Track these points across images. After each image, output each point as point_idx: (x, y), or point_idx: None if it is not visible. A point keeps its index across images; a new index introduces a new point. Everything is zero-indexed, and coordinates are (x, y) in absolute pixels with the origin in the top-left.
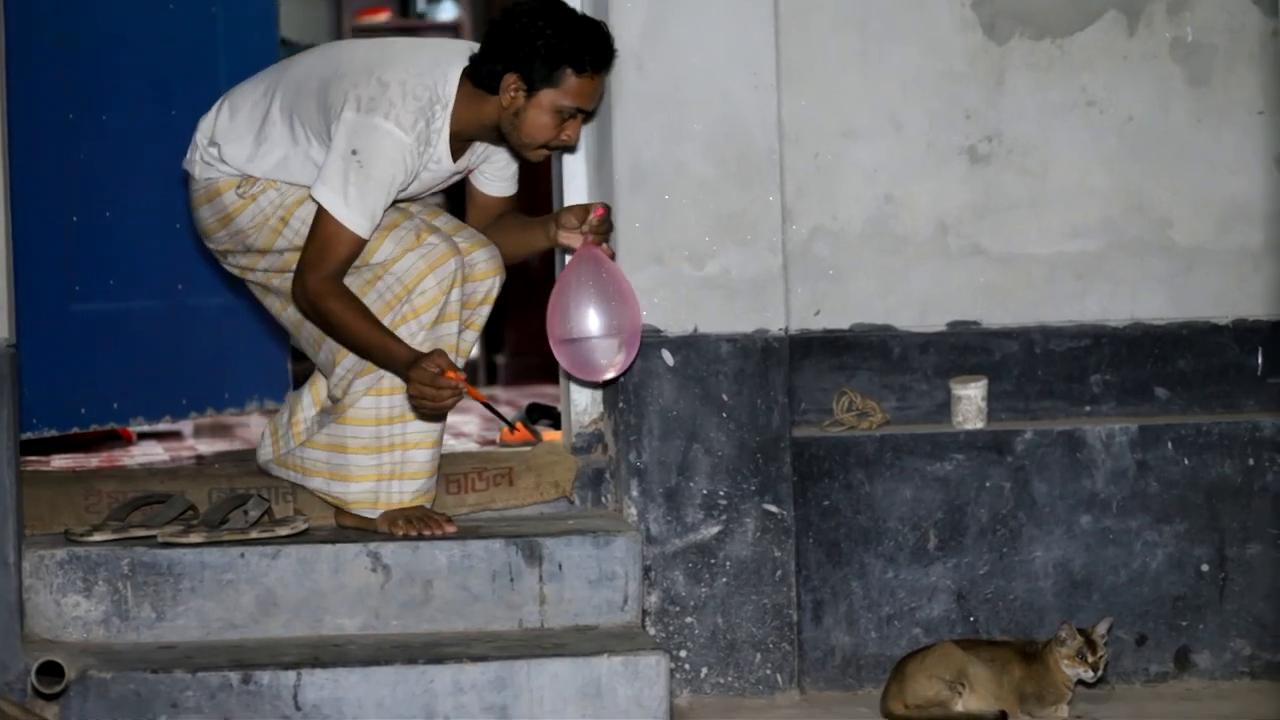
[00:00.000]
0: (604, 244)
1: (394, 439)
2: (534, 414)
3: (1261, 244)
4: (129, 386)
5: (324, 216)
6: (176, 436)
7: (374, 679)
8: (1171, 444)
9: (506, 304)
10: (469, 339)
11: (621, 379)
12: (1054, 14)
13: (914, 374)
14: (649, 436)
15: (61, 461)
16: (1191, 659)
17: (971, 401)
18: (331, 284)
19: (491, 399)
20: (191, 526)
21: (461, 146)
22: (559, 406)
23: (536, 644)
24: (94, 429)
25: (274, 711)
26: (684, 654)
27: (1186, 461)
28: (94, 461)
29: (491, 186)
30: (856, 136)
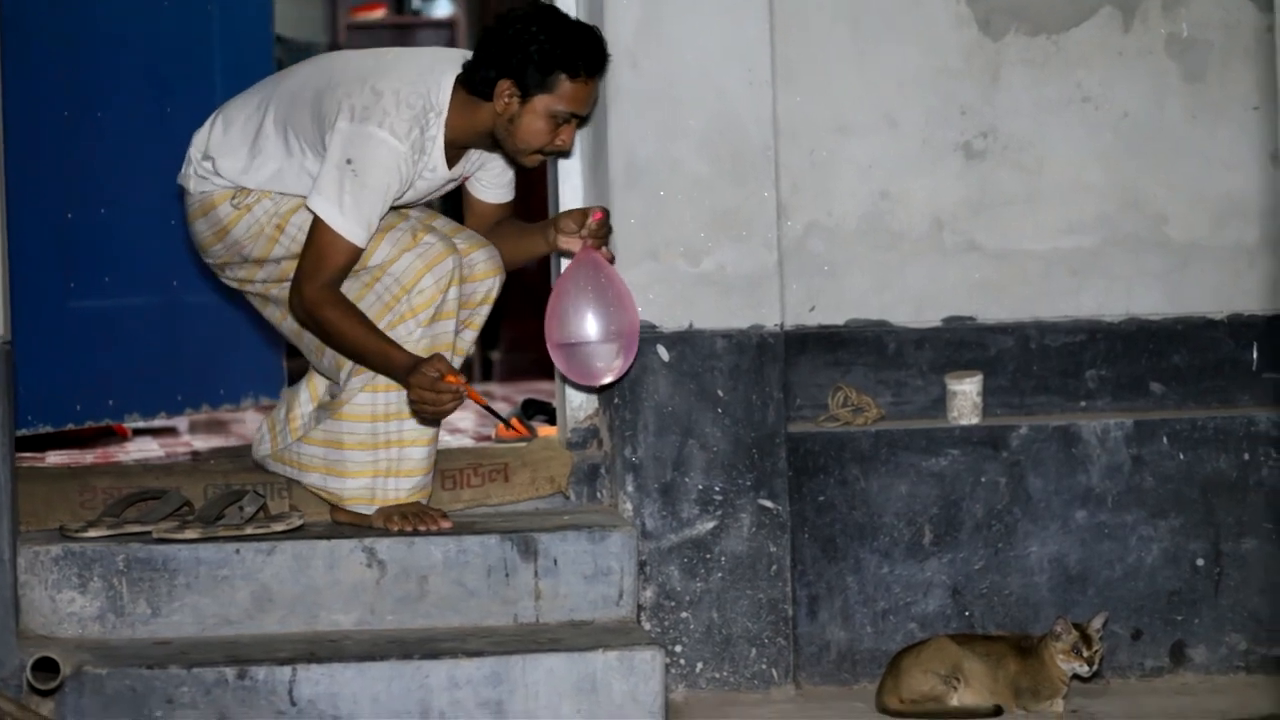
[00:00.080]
0: (603, 248)
1: (390, 435)
2: (529, 410)
3: (1257, 239)
4: (124, 383)
5: (320, 226)
6: (172, 433)
7: (369, 674)
8: (1167, 439)
9: (503, 301)
10: (467, 339)
11: None
12: (1049, 10)
13: (909, 369)
14: (644, 432)
15: (57, 458)
16: (1187, 653)
17: (967, 397)
18: (328, 293)
19: (487, 395)
20: (187, 522)
21: (456, 154)
22: (554, 402)
23: (532, 639)
24: (89, 425)
25: (269, 707)
26: (679, 649)
27: (1182, 456)
28: (89, 458)
29: (488, 194)
30: (851, 133)
